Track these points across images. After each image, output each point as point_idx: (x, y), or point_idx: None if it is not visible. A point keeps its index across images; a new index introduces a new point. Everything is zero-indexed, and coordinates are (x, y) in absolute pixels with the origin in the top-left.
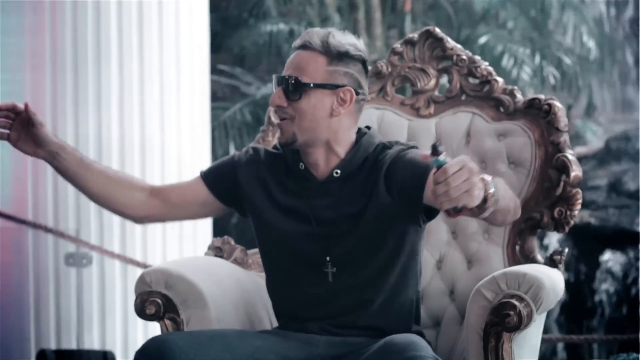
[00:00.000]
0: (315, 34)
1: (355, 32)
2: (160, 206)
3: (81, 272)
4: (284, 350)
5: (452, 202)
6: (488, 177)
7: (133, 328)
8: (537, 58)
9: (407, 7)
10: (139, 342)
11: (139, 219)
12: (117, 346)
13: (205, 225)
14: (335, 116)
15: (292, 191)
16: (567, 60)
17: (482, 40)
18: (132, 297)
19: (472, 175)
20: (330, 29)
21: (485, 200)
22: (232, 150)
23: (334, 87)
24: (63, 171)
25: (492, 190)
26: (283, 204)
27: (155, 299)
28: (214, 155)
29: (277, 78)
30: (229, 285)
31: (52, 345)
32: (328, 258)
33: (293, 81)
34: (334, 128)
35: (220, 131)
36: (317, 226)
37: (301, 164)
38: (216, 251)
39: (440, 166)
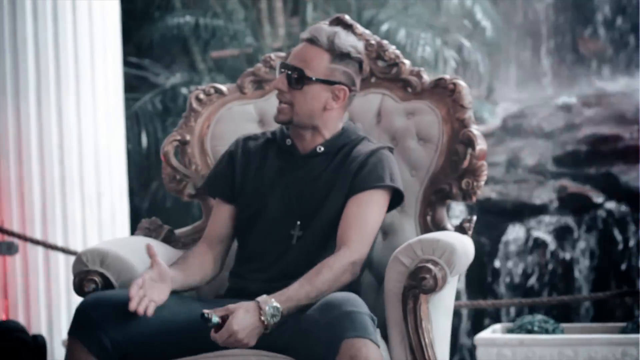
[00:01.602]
0: (324, 31)
1: (258, 21)
2: (221, 249)
3: (6, 260)
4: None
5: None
6: (267, 313)
7: (57, 313)
8: (438, 42)
9: None
10: (63, 326)
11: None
12: (42, 331)
13: (122, 211)
14: (328, 109)
15: (275, 164)
16: (466, 43)
17: (384, 27)
18: (55, 282)
19: (240, 339)
20: (336, 29)
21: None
22: (145, 139)
23: (331, 83)
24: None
25: (270, 322)
26: (266, 176)
27: (93, 277)
28: (128, 145)
29: (283, 64)
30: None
31: None
32: (299, 222)
33: (297, 72)
34: (325, 118)
35: (132, 121)
36: (293, 193)
37: (288, 140)
38: (145, 232)
39: (215, 325)
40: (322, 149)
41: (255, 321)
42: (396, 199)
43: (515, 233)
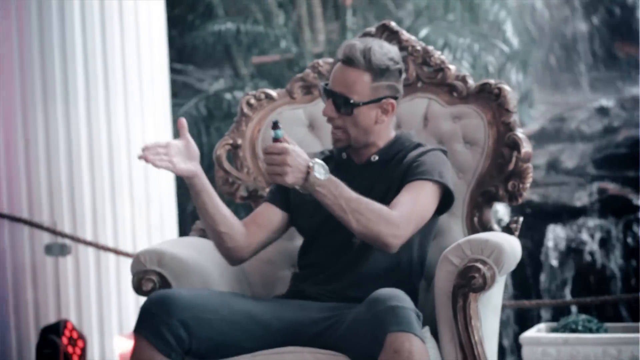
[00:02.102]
0: (357, 50)
1: (298, 26)
2: (254, 232)
3: (58, 262)
4: (277, 311)
5: (269, 177)
6: (316, 167)
7: (107, 312)
8: (476, 47)
9: (347, 1)
10: (113, 325)
11: (243, 253)
12: (93, 330)
13: (170, 214)
14: (379, 123)
15: (336, 176)
16: (505, 48)
17: (423, 32)
18: (105, 283)
19: (285, 164)
20: (369, 43)
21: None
22: None
23: (378, 100)
24: (198, 193)
25: (314, 175)
26: None
27: (151, 277)
28: None
29: (327, 91)
30: (216, 262)
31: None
32: None
33: (343, 99)
34: (377, 131)
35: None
36: None
37: (344, 153)
38: (200, 232)
39: (275, 139)
40: (377, 157)
41: (305, 165)
42: (447, 200)
43: (556, 235)
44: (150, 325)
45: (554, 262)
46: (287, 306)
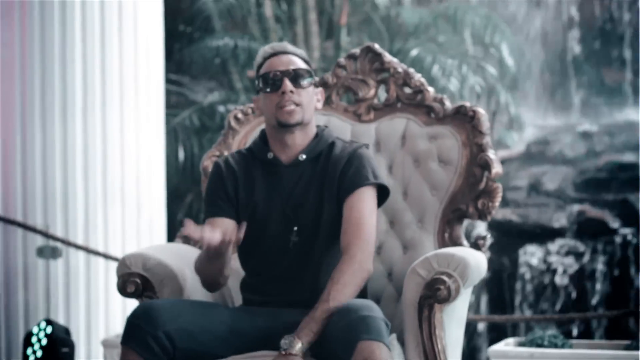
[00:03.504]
0: (286, 45)
1: (294, 43)
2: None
3: (49, 264)
4: (251, 320)
5: None
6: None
7: (95, 314)
8: (464, 68)
9: (342, 21)
10: (100, 327)
11: (226, 281)
12: (81, 332)
13: (159, 221)
14: (315, 110)
15: (262, 179)
16: (493, 71)
17: (414, 52)
18: (94, 286)
19: None
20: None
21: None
22: (181, 154)
23: (317, 85)
24: (221, 257)
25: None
26: (257, 192)
27: (135, 279)
28: (166, 158)
29: (281, 73)
30: None
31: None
32: (295, 228)
33: (301, 73)
34: (313, 117)
35: (171, 136)
36: (287, 203)
37: (269, 153)
38: (184, 239)
39: None
40: (304, 156)
41: None
42: (383, 193)
43: (533, 254)
44: (138, 337)
45: (529, 280)
46: (261, 314)
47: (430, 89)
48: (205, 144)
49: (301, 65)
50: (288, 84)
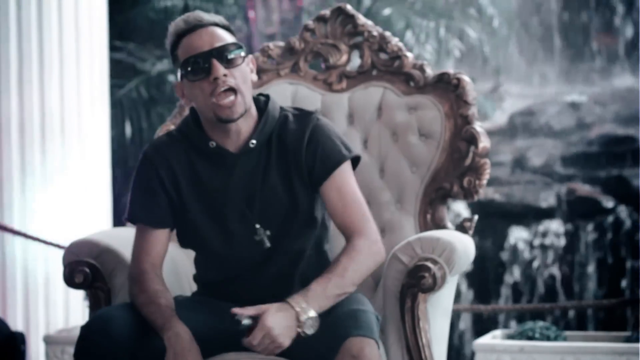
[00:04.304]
0: (202, 15)
1: (253, 6)
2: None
3: None
4: (215, 320)
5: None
6: (305, 316)
7: (34, 308)
8: (442, 31)
9: None
10: (40, 322)
11: None
12: (19, 327)
13: (105, 202)
14: (252, 81)
15: (209, 172)
16: (472, 33)
17: (386, 12)
18: (32, 276)
19: (276, 340)
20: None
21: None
22: (128, 129)
23: (246, 54)
24: None
25: (305, 331)
26: (203, 186)
27: (83, 268)
28: (112, 134)
29: (207, 54)
30: None
31: None
32: (258, 225)
33: (230, 51)
34: (249, 95)
35: (116, 109)
36: (244, 197)
37: (211, 142)
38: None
39: (246, 328)
40: (254, 142)
41: (290, 321)
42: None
43: (519, 237)
44: (93, 355)
45: (515, 266)
46: (217, 312)
47: (409, 55)
48: (154, 118)
49: (226, 37)
50: (219, 67)
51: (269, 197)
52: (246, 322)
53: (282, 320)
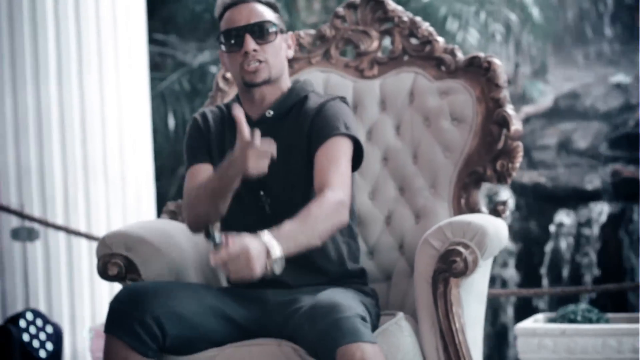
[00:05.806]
0: None
1: None
2: None
3: (26, 247)
4: (243, 307)
5: (232, 276)
6: (274, 254)
7: (80, 301)
8: (483, 15)
9: None
10: (85, 314)
11: None
12: (64, 320)
13: (148, 195)
14: (287, 58)
15: (230, 137)
16: (513, 17)
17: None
18: (77, 270)
19: (249, 260)
20: None
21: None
22: (171, 121)
23: (284, 32)
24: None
25: (273, 268)
26: (225, 149)
27: (117, 261)
28: (154, 126)
29: (241, 28)
30: (186, 246)
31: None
32: (262, 192)
33: (265, 28)
34: (284, 68)
35: (158, 102)
36: None
37: (238, 109)
38: (171, 215)
39: (217, 244)
40: (272, 112)
41: (263, 253)
42: (358, 154)
43: (565, 220)
44: (124, 324)
45: (562, 250)
46: (250, 300)
47: (440, 39)
48: (197, 109)
49: (265, 14)
50: (250, 42)
51: (271, 166)
52: (220, 238)
53: (258, 247)
